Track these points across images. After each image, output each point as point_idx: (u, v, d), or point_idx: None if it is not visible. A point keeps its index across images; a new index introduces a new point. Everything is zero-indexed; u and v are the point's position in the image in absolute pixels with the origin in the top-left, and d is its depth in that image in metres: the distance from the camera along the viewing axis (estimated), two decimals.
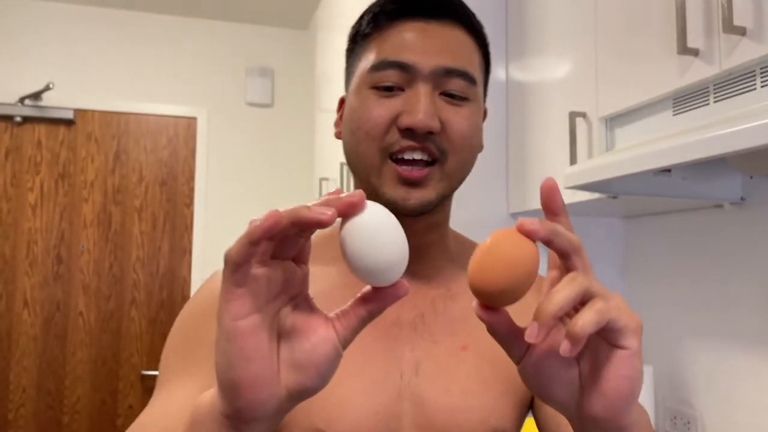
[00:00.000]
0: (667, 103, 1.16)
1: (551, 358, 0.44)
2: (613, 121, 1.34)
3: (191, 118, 3.21)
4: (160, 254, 3.12)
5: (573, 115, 1.40)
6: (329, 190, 2.49)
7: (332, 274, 0.69)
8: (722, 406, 1.43)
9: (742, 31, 0.96)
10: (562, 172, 1.34)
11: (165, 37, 3.21)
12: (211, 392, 0.44)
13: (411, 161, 0.65)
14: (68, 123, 3.05)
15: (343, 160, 0.78)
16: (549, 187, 0.45)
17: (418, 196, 0.65)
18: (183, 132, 3.20)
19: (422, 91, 0.64)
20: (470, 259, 0.43)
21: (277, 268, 0.41)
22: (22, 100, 2.96)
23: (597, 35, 1.36)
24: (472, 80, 0.67)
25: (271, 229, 0.38)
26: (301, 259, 0.43)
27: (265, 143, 3.29)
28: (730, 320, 1.41)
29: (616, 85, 1.29)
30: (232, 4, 3.11)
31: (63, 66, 3.05)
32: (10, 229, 2.95)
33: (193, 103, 3.22)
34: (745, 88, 0.99)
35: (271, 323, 0.42)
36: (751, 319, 1.35)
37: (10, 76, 2.98)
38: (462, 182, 0.69)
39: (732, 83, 1.02)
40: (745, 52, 0.96)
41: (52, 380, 2.92)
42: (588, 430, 0.45)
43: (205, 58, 3.25)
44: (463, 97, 0.66)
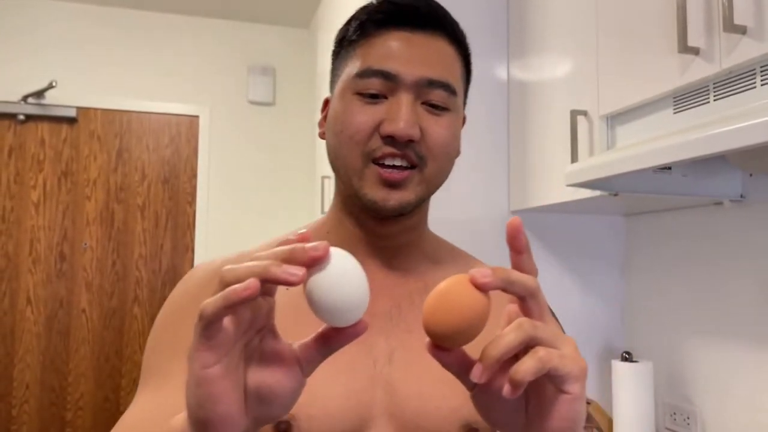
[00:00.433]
0: (668, 101, 1.17)
1: (499, 392, 0.46)
2: (614, 119, 1.35)
3: (193, 117, 3.22)
4: (163, 252, 3.13)
5: (574, 114, 1.41)
6: (328, 191, 2.48)
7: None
8: (721, 402, 1.44)
9: (743, 30, 0.97)
10: (563, 170, 1.34)
11: (167, 36, 3.22)
12: (182, 417, 0.47)
13: (392, 166, 0.67)
14: (71, 121, 3.06)
15: None
16: (513, 227, 0.46)
17: (397, 197, 0.67)
18: (185, 130, 3.21)
19: (404, 101, 0.66)
20: (425, 302, 0.45)
21: (246, 310, 0.43)
22: (25, 99, 2.96)
23: (598, 34, 1.37)
24: (453, 91, 0.69)
25: (249, 297, 0.40)
26: (267, 292, 0.45)
27: (266, 141, 3.30)
28: (730, 316, 1.42)
29: (617, 83, 1.30)
30: (234, 3, 3.11)
31: (66, 64, 3.06)
32: (14, 227, 2.96)
33: (195, 102, 3.22)
34: (745, 87, 1.00)
35: (238, 361, 0.44)
36: (750, 315, 1.37)
37: (14, 75, 2.99)
38: (439, 187, 0.72)
39: (732, 82, 1.02)
40: (745, 51, 0.97)
41: (55, 377, 2.94)
42: None
43: (208, 56, 3.26)
44: (443, 108, 0.68)
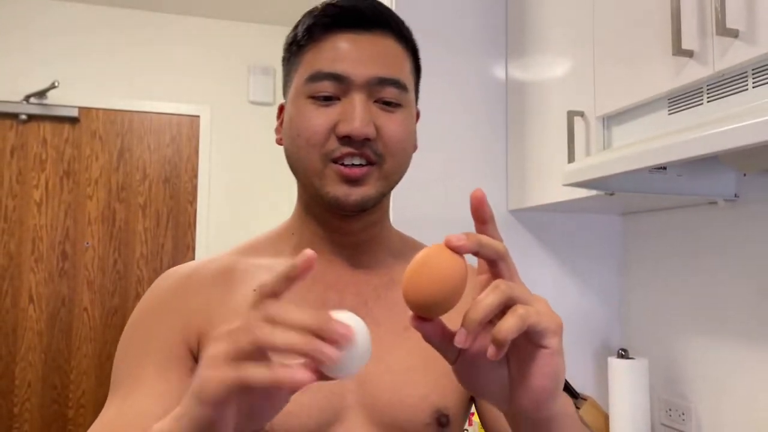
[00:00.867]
0: (663, 102, 1.19)
1: (482, 358, 0.48)
2: (610, 120, 1.37)
3: (194, 116, 3.24)
4: (164, 251, 3.15)
5: (571, 114, 1.43)
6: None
7: (279, 267, 0.72)
8: (716, 398, 1.46)
9: (735, 34, 0.99)
10: (561, 170, 1.36)
11: (168, 36, 3.24)
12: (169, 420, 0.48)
13: (351, 164, 0.68)
14: (73, 121, 3.08)
15: None
16: (477, 198, 0.48)
17: (359, 192, 0.68)
18: (186, 130, 3.23)
19: (357, 101, 0.67)
20: (404, 272, 0.46)
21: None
22: (27, 99, 2.98)
23: (595, 37, 1.39)
24: (404, 87, 0.71)
25: (296, 388, 0.42)
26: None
27: (267, 141, 3.31)
28: (724, 314, 1.44)
29: (613, 85, 1.32)
30: (235, 3, 3.13)
31: (68, 65, 3.08)
32: (16, 226, 2.98)
33: (196, 102, 3.24)
34: (737, 89, 1.02)
35: (239, 392, 0.45)
36: (744, 312, 1.39)
37: (16, 75, 3.01)
38: (398, 182, 0.73)
39: (725, 84, 1.04)
40: (737, 54, 0.99)
41: (57, 375, 2.95)
42: (519, 421, 0.51)
43: (208, 56, 3.28)
44: (396, 104, 0.70)
